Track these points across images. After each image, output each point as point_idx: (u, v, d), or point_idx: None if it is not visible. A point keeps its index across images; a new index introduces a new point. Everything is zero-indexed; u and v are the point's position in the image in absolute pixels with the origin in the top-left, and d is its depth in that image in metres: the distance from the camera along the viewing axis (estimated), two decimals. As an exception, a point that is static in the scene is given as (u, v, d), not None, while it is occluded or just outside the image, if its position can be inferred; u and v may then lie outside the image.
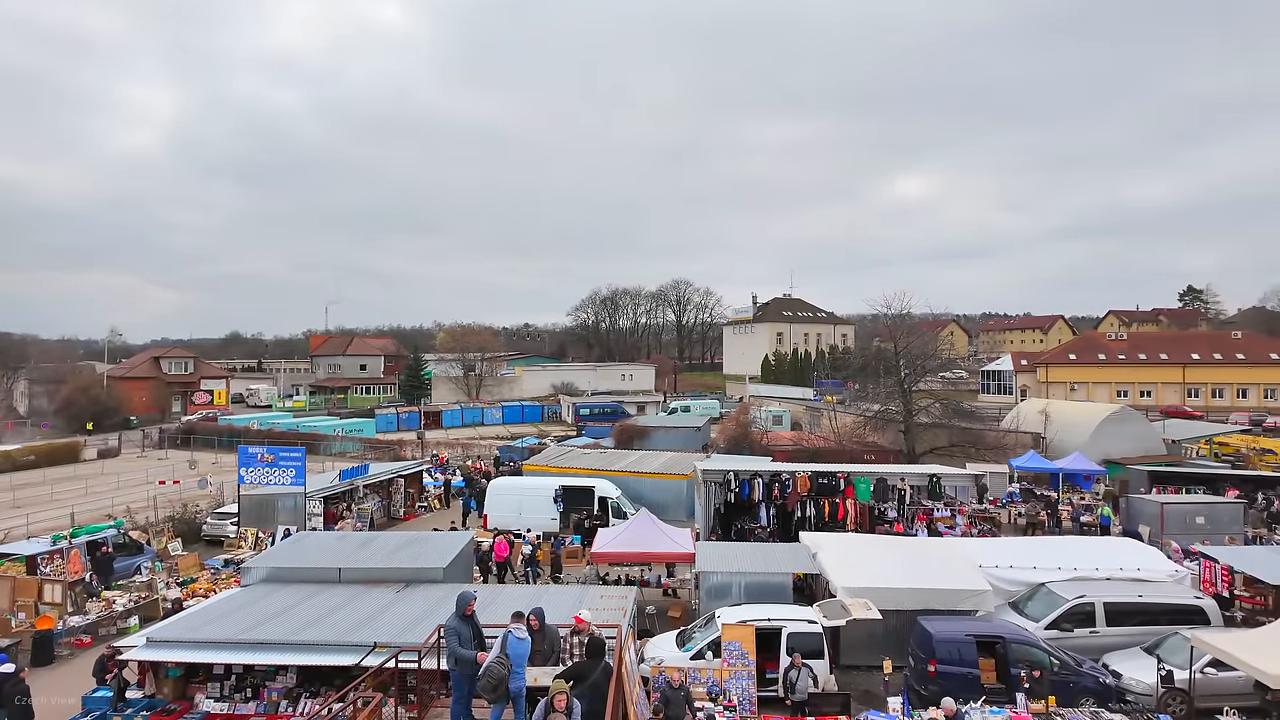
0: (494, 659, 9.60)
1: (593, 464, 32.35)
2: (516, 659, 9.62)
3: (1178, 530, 24.39)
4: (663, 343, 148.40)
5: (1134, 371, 77.41)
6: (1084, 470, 34.72)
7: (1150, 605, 16.60)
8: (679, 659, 14.77)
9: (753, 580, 17.42)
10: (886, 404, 43.47)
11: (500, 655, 9.61)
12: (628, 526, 21.32)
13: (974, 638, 14.60)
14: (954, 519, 26.49)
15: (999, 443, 42.15)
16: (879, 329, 50.39)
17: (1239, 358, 76.67)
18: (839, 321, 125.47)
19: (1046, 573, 18.01)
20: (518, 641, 9.72)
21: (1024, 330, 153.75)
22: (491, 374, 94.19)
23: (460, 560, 17.89)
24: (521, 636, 9.80)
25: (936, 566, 17.70)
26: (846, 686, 15.05)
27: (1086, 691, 14.08)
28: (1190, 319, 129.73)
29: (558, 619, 12.42)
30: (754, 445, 42.59)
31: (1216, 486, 30.86)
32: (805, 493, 26.16)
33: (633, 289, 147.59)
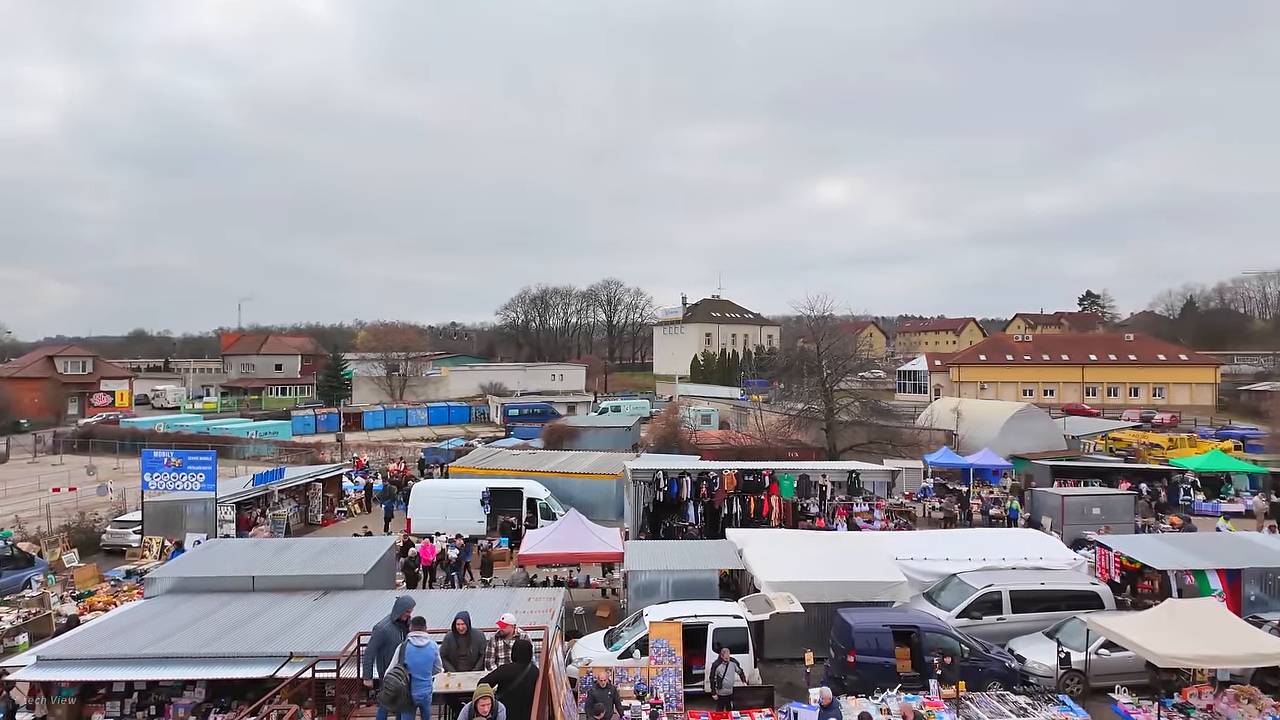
0: (390, 669, 9.38)
1: (521, 465, 32.02)
2: (416, 667, 9.36)
3: (1076, 521, 25.94)
4: (593, 343, 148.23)
5: (1038, 371, 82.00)
6: (993, 465, 36.52)
7: (1051, 592, 17.58)
8: (607, 658, 14.78)
9: (680, 578, 17.59)
10: (809, 403, 44.64)
11: (397, 666, 9.37)
12: (556, 527, 21.21)
13: (890, 628, 15.15)
14: (872, 513, 27.47)
15: (915, 440, 43.91)
16: (803, 330, 51.69)
17: (1131, 359, 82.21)
18: (765, 323, 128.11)
19: (958, 564, 18.86)
20: (416, 650, 9.48)
21: (938, 332, 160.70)
22: (416, 374, 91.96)
23: (382, 566, 17.42)
24: (420, 644, 9.56)
25: (856, 560, 18.28)
26: (770, 679, 15.39)
27: (993, 676, 14.81)
28: (1089, 322, 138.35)
29: (484, 623, 12.25)
30: (683, 444, 43.02)
31: (1111, 479, 32.99)
32: (732, 490, 26.63)
33: (563, 288, 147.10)
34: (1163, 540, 20.72)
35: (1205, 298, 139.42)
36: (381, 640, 10.11)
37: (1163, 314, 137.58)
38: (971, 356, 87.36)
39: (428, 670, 9.49)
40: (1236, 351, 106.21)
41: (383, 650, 10.13)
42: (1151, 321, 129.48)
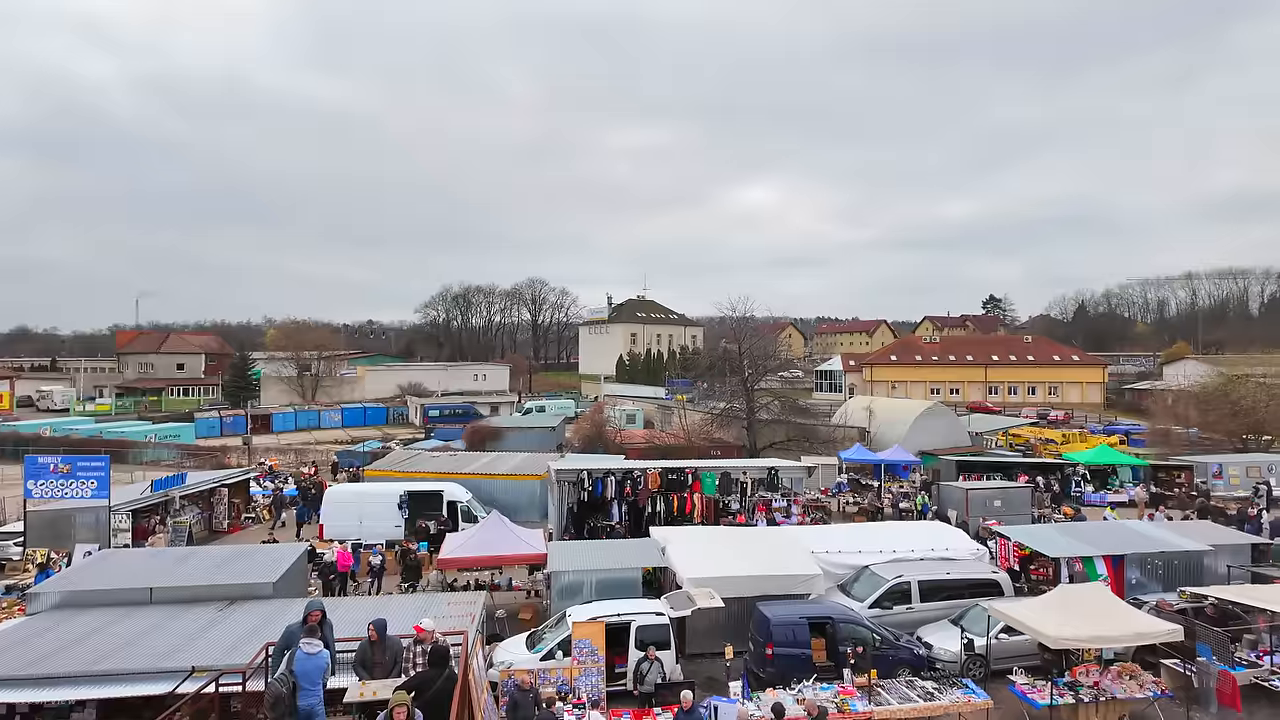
0: (275, 676, 9.06)
1: (442, 467, 31.35)
2: (304, 675, 9.03)
3: (979, 513, 27.39)
4: (518, 342, 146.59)
5: (945, 371, 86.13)
6: (903, 461, 38.14)
7: (956, 581, 18.48)
8: (529, 661, 14.67)
9: (603, 577, 17.62)
10: (732, 402, 45.53)
11: (283, 672, 9.05)
12: (477, 530, 20.87)
13: (807, 620, 15.60)
14: (790, 509, 28.23)
15: (830, 437, 45.43)
16: (725, 331, 52.71)
17: (1030, 359, 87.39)
18: (689, 323, 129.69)
19: (870, 556, 19.60)
20: (305, 657, 9.16)
21: (853, 333, 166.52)
22: (330, 374, 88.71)
23: (293, 573, 16.74)
24: (311, 652, 9.23)
25: (774, 554, 18.75)
26: (691, 675, 15.58)
27: (903, 663, 15.45)
28: (991, 324, 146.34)
29: (403, 629, 11.96)
30: (608, 444, 43.14)
31: (1011, 473, 34.99)
32: (656, 489, 26.85)
33: (487, 286, 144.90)
34: (1056, 530, 22.14)
35: (1095, 302, 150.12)
36: (287, 642, 9.73)
37: (1057, 317, 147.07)
38: (883, 357, 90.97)
39: (316, 680, 9.12)
40: (1122, 353, 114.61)
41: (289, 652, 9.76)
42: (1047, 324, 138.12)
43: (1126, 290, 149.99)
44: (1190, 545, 20.05)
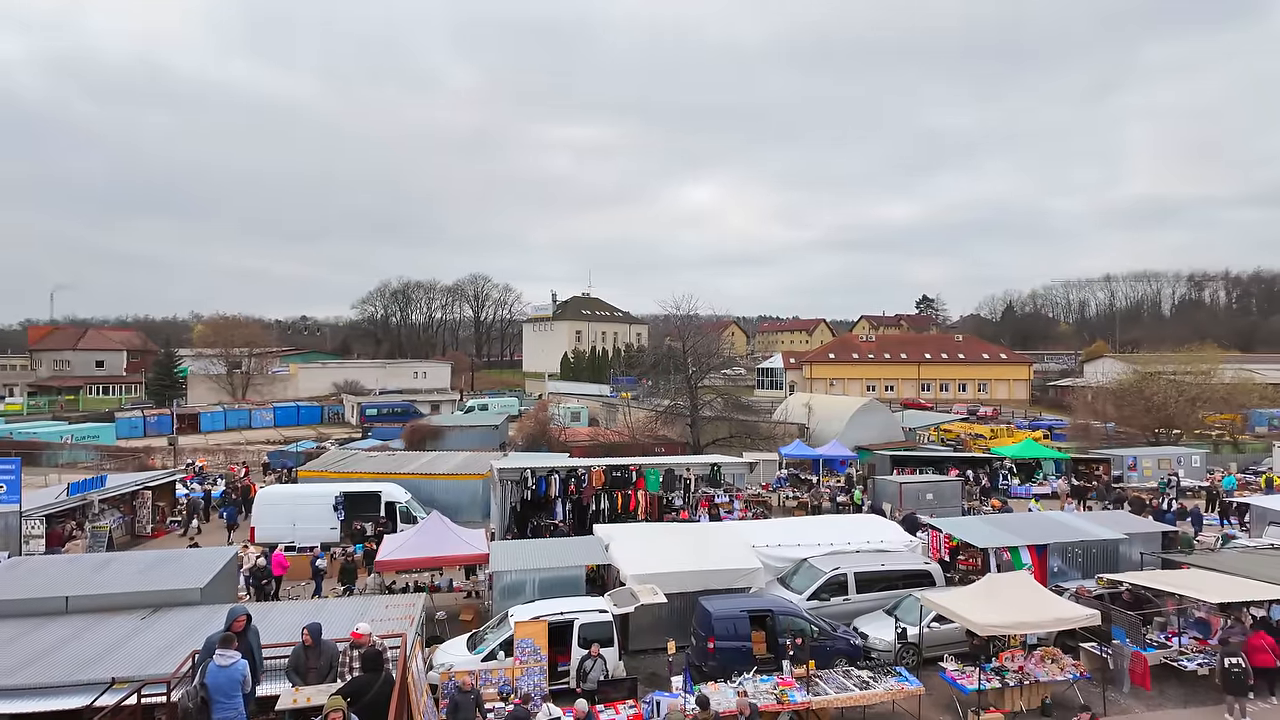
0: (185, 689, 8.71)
1: (380, 468, 30.64)
2: (217, 688, 8.65)
3: (912, 505, 28.27)
4: (459, 339, 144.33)
5: (880, 369, 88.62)
6: (840, 456, 39.06)
7: (890, 572, 19.04)
8: (470, 662, 14.50)
9: (546, 576, 17.53)
10: (675, 399, 45.85)
11: (194, 685, 8.70)
12: (417, 531, 20.48)
13: (747, 613, 15.85)
14: (732, 504, 28.63)
15: (771, 433, 46.20)
16: (669, 329, 53.00)
17: (960, 357, 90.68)
18: (634, 321, 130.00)
19: (808, 549, 20.02)
20: (218, 669, 8.76)
21: (793, 332, 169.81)
22: (261, 371, 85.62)
23: (222, 578, 16.11)
24: (224, 664, 8.85)
25: (716, 549, 18.96)
26: (634, 671, 15.67)
27: (840, 653, 15.85)
28: (924, 324, 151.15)
29: (339, 633, 11.66)
30: (552, 442, 42.90)
31: (942, 467, 36.24)
32: (600, 486, 26.83)
33: (427, 282, 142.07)
34: (984, 521, 23.03)
35: (1021, 303, 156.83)
36: (210, 650, 9.34)
37: (987, 317, 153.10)
38: (822, 355, 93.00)
39: (232, 692, 8.70)
40: (1046, 351, 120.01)
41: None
42: (977, 324, 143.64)
43: (1051, 291, 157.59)
44: (1107, 534, 21.14)
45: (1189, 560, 19.26)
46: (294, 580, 22.19)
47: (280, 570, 21.48)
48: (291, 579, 22.05)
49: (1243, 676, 14.51)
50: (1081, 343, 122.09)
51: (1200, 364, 51.83)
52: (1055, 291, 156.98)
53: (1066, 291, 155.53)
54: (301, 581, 22.10)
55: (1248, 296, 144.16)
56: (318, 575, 21.67)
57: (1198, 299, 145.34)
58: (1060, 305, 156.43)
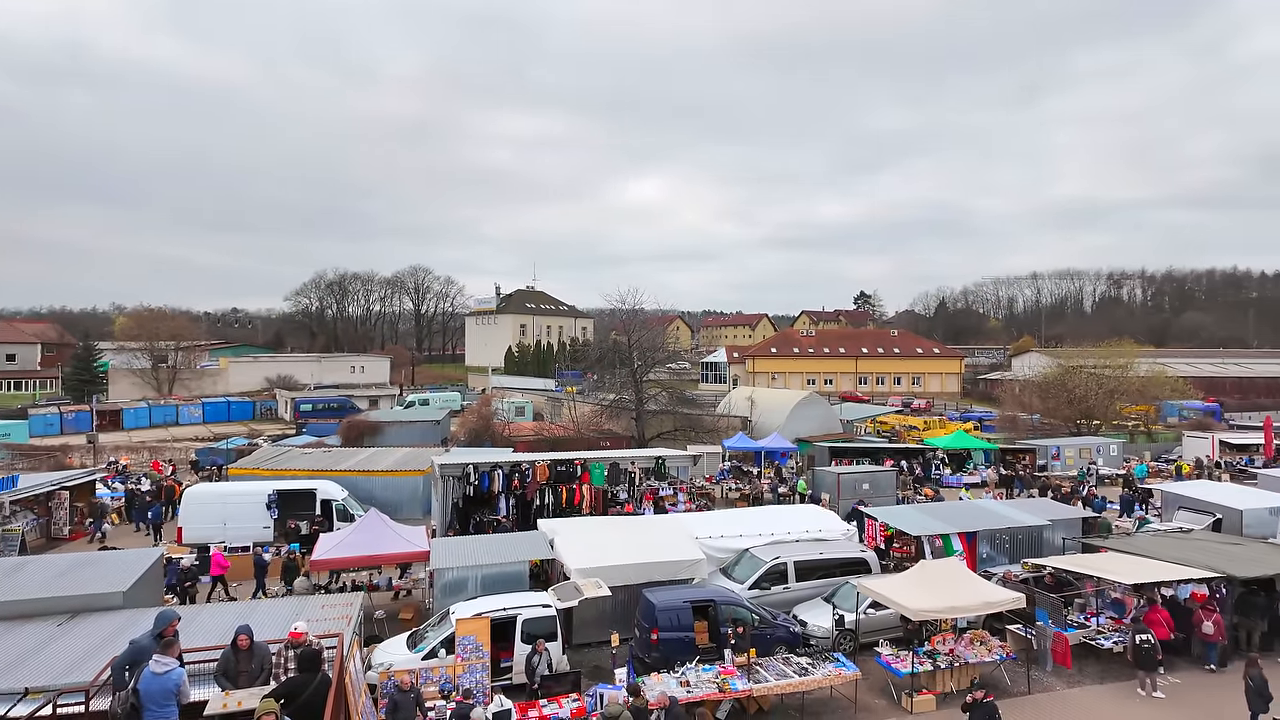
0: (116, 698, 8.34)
1: (315, 464, 29.76)
2: (150, 697, 8.27)
3: (849, 495, 29.03)
4: (399, 332, 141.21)
5: (820, 363, 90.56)
6: (782, 448, 39.80)
7: (828, 561, 19.51)
8: (410, 661, 14.26)
9: (489, 572, 17.36)
10: (621, 393, 45.85)
11: (124, 693, 8.34)
12: (354, 529, 19.98)
13: (690, 604, 16.03)
14: (676, 496, 28.86)
15: (715, 426, 46.70)
16: (615, 323, 52.97)
17: (896, 352, 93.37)
18: (579, 315, 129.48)
19: (750, 539, 20.35)
20: (153, 677, 8.39)
21: (736, 326, 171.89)
22: (189, 366, 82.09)
23: (147, 581, 15.42)
24: (160, 671, 8.50)
25: (660, 541, 19.10)
26: (578, 664, 15.69)
27: (780, 641, 16.18)
28: (862, 319, 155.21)
29: (272, 634, 11.32)
30: (496, 437, 42.40)
31: (878, 458, 37.28)
32: (544, 481, 26.70)
33: (365, 274, 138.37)
34: (917, 510, 23.80)
35: (954, 299, 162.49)
36: (134, 657, 8.91)
37: (921, 313, 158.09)
38: (764, 349, 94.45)
39: (166, 702, 8.35)
40: (976, 345, 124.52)
41: (135, 669, 8.96)
42: (912, 319, 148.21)
43: (981, 288, 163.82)
44: (1032, 521, 22.12)
45: (1106, 544, 20.31)
46: (234, 580, 21.48)
47: (220, 570, 20.87)
48: (232, 579, 21.36)
49: (1152, 652, 15.41)
50: (1010, 338, 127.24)
51: (1118, 358, 54.64)
52: (985, 288, 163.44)
53: (996, 289, 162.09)
54: (236, 583, 21.37)
55: (1161, 295, 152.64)
56: (261, 572, 21.06)
57: (1116, 297, 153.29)
58: (990, 302, 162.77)
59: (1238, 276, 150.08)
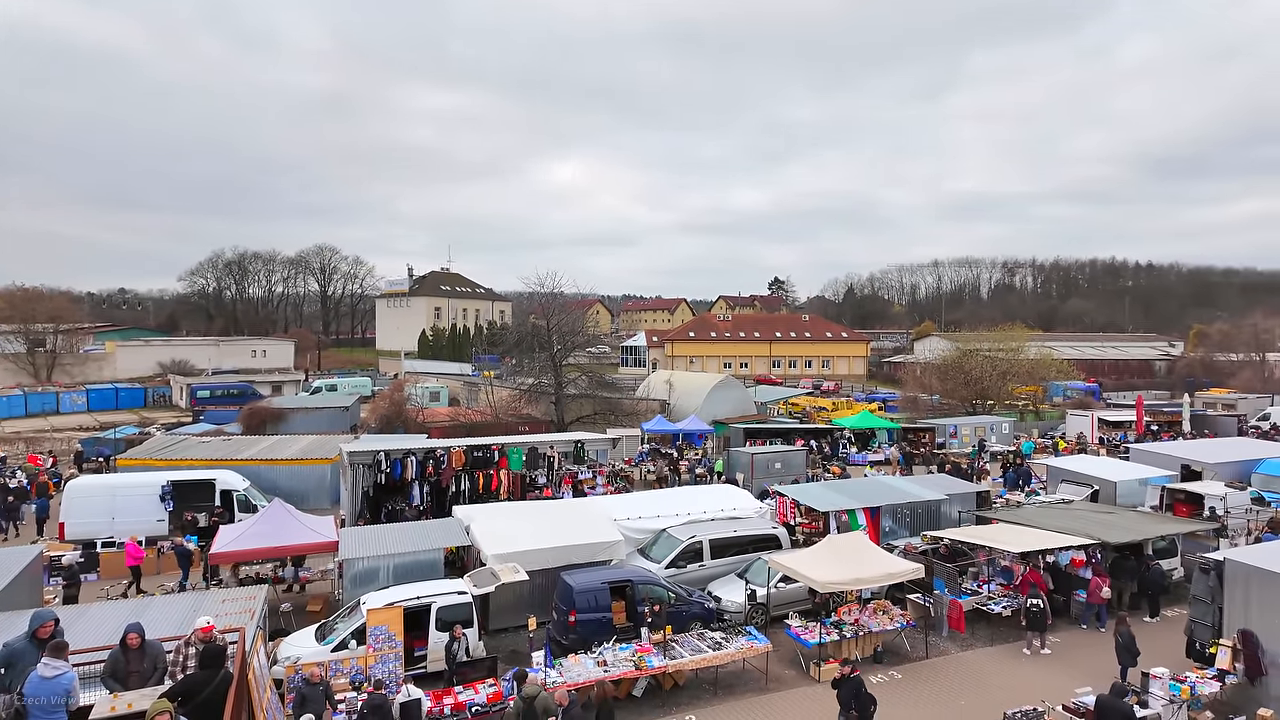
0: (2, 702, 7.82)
1: (214, 454, 28.32)
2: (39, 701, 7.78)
3: (762, 475, 29.88)
4: (304, 315, 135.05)
5: (736, 347, 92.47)
6: (699, 430, 40.54)
7: (742, 538, 20.07)
8: (318, 654, 13.83)
9: (402, 561, 16.99)
10: (540, 377, 45.50)
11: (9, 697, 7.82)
12: (256, 520, 19.12)
13: (608, 584, 16.18)
14: (595, 479, 28.97)
15: (634, 409, 47.07)
16: (534, 306, 52.35)
17: (807, 336, 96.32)
18: (497, 298, 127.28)
19: (667, 520, 20.69)
20: (41, 681, 7.87)
21: (656, 311, 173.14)
22: (71, 350, 76.16)
23: (22, 581, 14.32)
24: (50, 675, 7.99)
25: (578, 524, 19.15)
26: (495, 650, 15.61)
27: (695, 617, 16.56)
28: (776, 304, 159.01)
29: (168, 632, 10.74)
30: (409, 423, 41.36)
31: (789, 438, 38.50)
32: (460, 467, 26.25)
33: (267, 253, 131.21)
34: (825, 487, 24.76)
35: (861, 286, 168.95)
36: (7, 661, 8.28)
37: (830, 298, 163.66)
38: (682, 334, 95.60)
39: (54, 706, 7.83)
40: (882, 330, 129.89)
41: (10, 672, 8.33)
42: (822, 305, 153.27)
43: (887, 275, 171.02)
44: (930, 495, 23.37)
45: (997, 516, 21.70)
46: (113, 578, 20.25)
47: (135, 560, 19.96)
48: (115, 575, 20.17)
49: (1042, 616, 16.65)
50: (912, 323, 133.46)
51: (1010, 342, 58.21)
52: (890, 275, 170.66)
53: (900, 275, 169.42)
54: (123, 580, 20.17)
55: (1049, 283, 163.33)
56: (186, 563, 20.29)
57: (1010, 284, 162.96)
58: (894, 288, 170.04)
59: (1116, 266, 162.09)
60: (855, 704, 12.22)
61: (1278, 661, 13.33)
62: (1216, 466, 27.66)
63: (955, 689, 14.95)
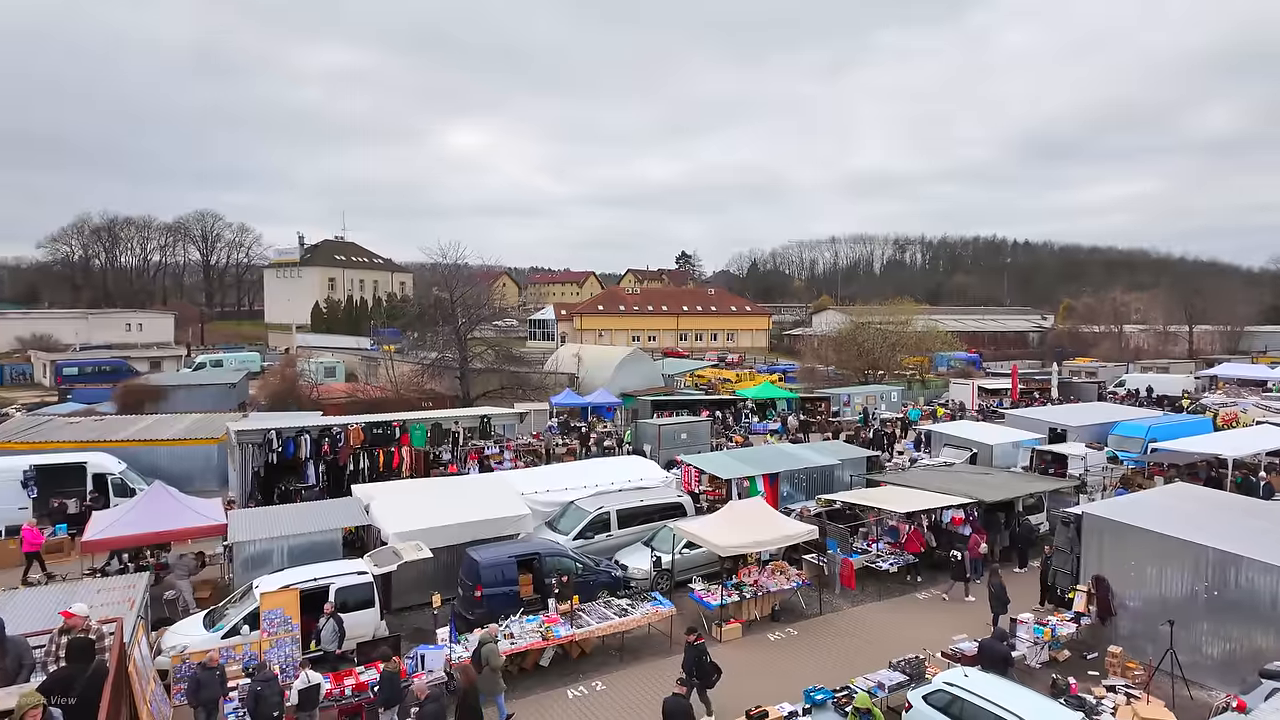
0: None
1: (84, 435, 26.20)
2: None
3: (669, 445, 30.43)
4: (185, 286, 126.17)
5: (644, 320, 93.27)
6: (608, 403, 40.76)
7: (648, 507, 20.44)
8: (209, 641, 13.22)
9: (297, 542, 16.38)
10: (444, 351, 44.41)
11: None
12: (134, 505, 17.91)
13: (515, 558, 16.19)
14: (503, 454, 28.72)
15: (543, 383, 46.70)
16: (436, 278, 50.80)
17: (713, 309, 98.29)
18: (397, 269, 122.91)
19: (575, 492, 20.81)
20: None
21: (564, 284, 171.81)
22: (-91, 324, 68.40)
23: None
24: None
25: (484, 499, 18.97)
26: (398, 629, 15.36)
27: (603, 586, 16.82)
28: (683, 278, 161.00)
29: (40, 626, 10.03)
30: (303, 400, 39.57)
31: (695, 409, 39.32)
32: (359, 445, 25.44)
33: (141, 219, 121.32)
34: (728, 455, 25.53)
35: (764, 261, 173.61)
36: None
37: (735, 273, 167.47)
38: (591, 307, 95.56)
39: None
40: (783, 304, 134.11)
41: None
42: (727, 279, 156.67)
43: (788, 251, 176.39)
44: (825, 461, 24.50)
45: (885, 479, 23.03)
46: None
47: (32, 546, 18.71)
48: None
49: (960, 567, 18.10)
50: (811, 297, 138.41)
51: (899, 315, 61.35)
52: (791, 251, 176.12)
53: (800, 251, 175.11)
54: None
55: (937, 259, 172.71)
56: None
57: (901, 260, 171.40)
58: (795, 263, 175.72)
59: (996, 244, 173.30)
60: (697, 671, 12.23)
61: (1126, 603, 14.89)
62: (1079, 429, 30.29)
63: (846, 642, 15.89)
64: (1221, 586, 13.41)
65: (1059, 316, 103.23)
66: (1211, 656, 13.51)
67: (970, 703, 10.88)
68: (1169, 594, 14.15)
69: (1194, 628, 13.58)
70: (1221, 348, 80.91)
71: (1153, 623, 14.04)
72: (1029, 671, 13.87)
